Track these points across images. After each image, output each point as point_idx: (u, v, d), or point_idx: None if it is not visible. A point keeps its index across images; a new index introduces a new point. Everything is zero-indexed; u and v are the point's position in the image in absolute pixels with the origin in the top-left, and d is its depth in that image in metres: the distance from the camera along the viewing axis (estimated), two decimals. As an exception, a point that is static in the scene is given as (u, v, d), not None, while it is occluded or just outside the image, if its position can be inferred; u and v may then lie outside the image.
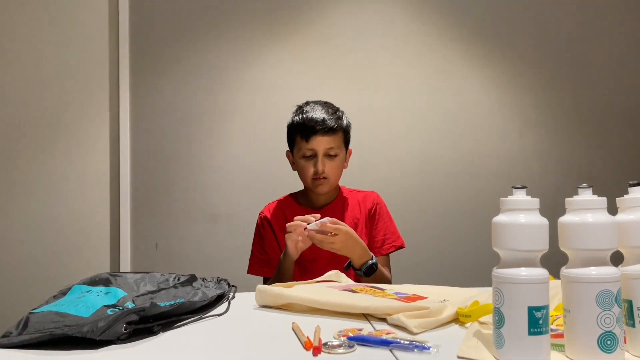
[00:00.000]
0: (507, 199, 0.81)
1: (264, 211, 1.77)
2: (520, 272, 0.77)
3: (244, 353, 0.87)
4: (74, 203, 2.50)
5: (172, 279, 1.21)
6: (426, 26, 2.79)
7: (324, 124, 1.60)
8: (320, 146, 1.61)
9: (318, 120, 1.61)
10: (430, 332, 0.97)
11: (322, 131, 1.60)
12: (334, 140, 1.63)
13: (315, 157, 1.63)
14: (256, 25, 2.73)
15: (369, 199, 1.76)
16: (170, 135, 2.70)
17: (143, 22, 2.70)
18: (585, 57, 2.85)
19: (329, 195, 1.73)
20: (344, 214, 1.72)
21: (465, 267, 2.66)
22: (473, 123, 2.79)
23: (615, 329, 0.75)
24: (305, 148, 1.63)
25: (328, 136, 1.61)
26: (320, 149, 1.62)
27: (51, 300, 1.00)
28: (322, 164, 1.62)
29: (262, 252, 1.72)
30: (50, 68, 2.51)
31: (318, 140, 1.61)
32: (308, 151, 1.63)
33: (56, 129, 2.50)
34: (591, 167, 2.82)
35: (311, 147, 1.62)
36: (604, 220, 0.77)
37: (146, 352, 0.86)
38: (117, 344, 0.87)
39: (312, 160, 1.63)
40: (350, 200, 1.75)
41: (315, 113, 1.63)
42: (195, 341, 0.92)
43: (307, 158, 1.64)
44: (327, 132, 1.61)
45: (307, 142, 1.62)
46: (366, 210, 1.74)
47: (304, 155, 1.64)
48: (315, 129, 1.60)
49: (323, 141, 1.61)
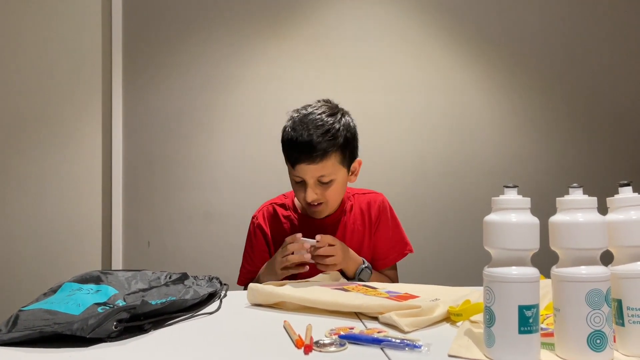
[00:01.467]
0: (498, 198, 0.81)
1: (257, 216, 1.59)
2: (511, 271, 0.77)
3: (235, 351, 0.87)
4: (66, 201, 2.49)
5: (163, 277, 1.20)
6: (422, 27, 2.79)
7: (311, 150, 1.35)
8: (307, 174, 1.38)
9: (304, 144, 1.35)
10: (422, 330, 0.97)
11: (308, 159, 1.35)
12: (323, 167, 1.37)
13: (305, 183, 1.41)
14: (251, 23, 2.73)
15: (374, 206, 1.57)
16: (163, 133, 2.69)
17: (136, 20, 2.69)
18: (578, 58, 2.86)
19: None
20: (347, 225, 1.55)
21: (456, 266, 2.67)
22: (465, 123, 2.80)
23: (604, 328, 0.75)
24: (292, 174, 1.42)
25: (315, 164, 1.36)
26: (308, 177, 1.39)
27: (41, 297, 1.00)
28: (313, 191, 1.40)
29: (251, 263, 1.57)
30: (43, 66, 2.49)
31: (305, 169, 1.37)
32: (297, 177, 1.42)
33: (48, 126, 2.49)
34: (582, 167, 2.84)
35: (297, 175, 1.40)
36: (594, 219, 0.78)
37: (137, 350, 0.86)
38: (107, 342, 0.87)
39: (303, 186, 1.42)
40: (354, 207, 1.57)
41: (303, 133, 1.36)
42: (186, 339, 0.92)
43: (297, 183, 1.44)
44: (313, 160, 1.35)
45: (293, 169, 1.40)
46: (370, 220, 1.57)
47: (294, 179, 1.44)
48: (300, 158, 1.36)
49: (310, 169, 1.37)
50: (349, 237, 1.53)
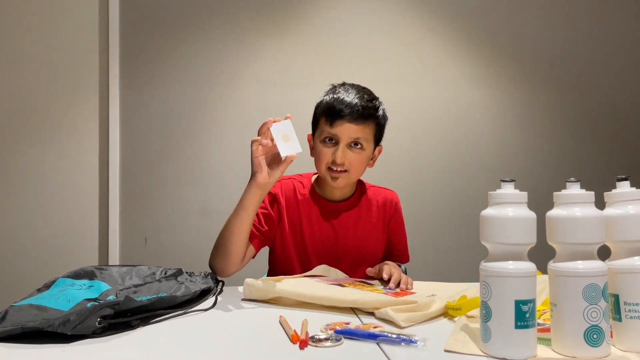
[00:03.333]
0: (495, 192, 0.80)
1: (275, 185, 1.48)
2: (507, 265, 0.77)
3: (230, 346, 0.86)
4: (63, 197, 2.47)
5: (159, 272, 1.19)
6: (421, 24, 2.78)
7: (354, 109, 1.37)
8: (344, 133, 1.38)
9: (348, 103, 1.38)
10: (418, 326, 0.97)
11: (349, 116, 1.37)
12: (362, 130, 1.39)
13: (336, 144, 1.39)
14: (249, 20, 2.72)
15: (390, 205, 1.57)
16: (160, 130, 2.68)
17: (134, 16, 2.68)
18: (576, 54, 2.86)
19: (345, 190, 1.52)
20: (361, 215, 1.52)
21: (453, 262, 2.67)
22: (463, 118, 2.80)
23: (601, 323, 0.75)
24: (327, 131, 1.40)
25: (356, 124, 1.38)
26: (343, 137, 1.38)
27: (34, 293, 0.99)
28: (343, 154, 1.38)
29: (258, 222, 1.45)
30: (40, 64, 2.48)
31: (344, 126, 1.38)
32: (330, 135, 1.40)
33: (45, 122, 2.48)
34: (580, 162, 2.84)
35: (334, 132, 1.39)
36: (591, 214, 0.77)
37: (119, 346, 0.84)
38: (91, 338, 0.85)
39: (333, 148, 1.40)
40: (369, 198, 1.55)
41: (348, 96, 1.40)
42: (177, 335, 0.91)
43: (327, 143, 1.41)
44: (355, 119, 1.37)
45: (330, 126, 1.39)
46: (384, 218, 1.56)
47: (324, 139, 1.41)
48: (342, 113, 1.37)
49: (349, 129, 1.38)
50: (362, 226, 1.52)
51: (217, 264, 1.34)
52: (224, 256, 1.33)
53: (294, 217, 1.49)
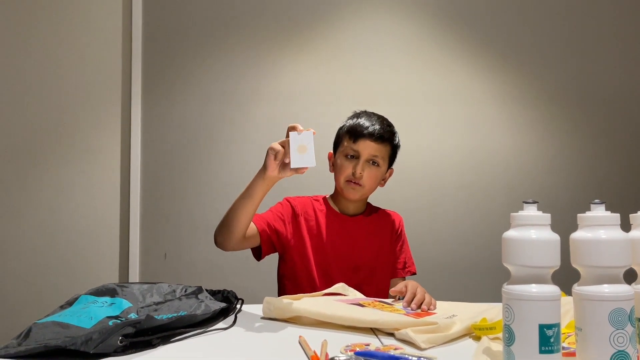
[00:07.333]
0: (517, 214, 0.79)
1: (289, 199, 1.70)
2: (530, 288, 0.75)
3: (249, 367, 0.86)
4: (84, 212, 2.51)
5: (179, 290, 1.20)
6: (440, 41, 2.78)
7: (375, 130, 1.59)
8: (365, 149, 1.58)
9: (370, 125, 1.60)
10: (439, 347, 0.95)
11: (371, 136, 1.58)
12: (380, 149, 1.60)
13: (357, 159, 1.59)
14: (270, 37, 2.74)
15: (396, 222, 1.74)
16: (181, 145, 2.71)
17: (156, 32, 2.73)
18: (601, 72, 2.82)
19: (358, 205, 1.69)
20: (373, 229, 1.69)
21: (473, 282, 2.63)
22: (483, 136, 2.77)
23: (628, 348, 0.73)
24: (349, 148, 1.60)
25: (376, 143, 1.58)
26: (364, 153, 1.58)
27: (57, 310, 1.00)
28: (362, 168, 1.58)
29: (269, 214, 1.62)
30: (63, 76, 2.53)
31: (366, 144, 1.58)
32: (352, 151, 1.59)
33: (68, 137, 2.52)
34: (604, 182, 2.78)
35: (356, 149, 1.58)
36: (617, 236, 0.76)
37: (140, 364, 0.84)
38: (113, 357, 0.86)
39: (353, 162, 1.59)
40: (380, 217, 1.72)
41: (370, 120, 1.62)
42: (196, 354, 0.91)
43: (349, 158, 1.61)
44: (375, 139, 1.58)
45: (354, 143, 1.59)
46: (391, 233, 1.72)
47: (346, 154, 1.61)
48: (364, 132, 1.58)
49: (369, 146, 1.58)
50: (374, 239, 1.67)
51: (219, 237, 1.52)
52: (226, 232, 1.49)
53: (312, 228, 1.63)
